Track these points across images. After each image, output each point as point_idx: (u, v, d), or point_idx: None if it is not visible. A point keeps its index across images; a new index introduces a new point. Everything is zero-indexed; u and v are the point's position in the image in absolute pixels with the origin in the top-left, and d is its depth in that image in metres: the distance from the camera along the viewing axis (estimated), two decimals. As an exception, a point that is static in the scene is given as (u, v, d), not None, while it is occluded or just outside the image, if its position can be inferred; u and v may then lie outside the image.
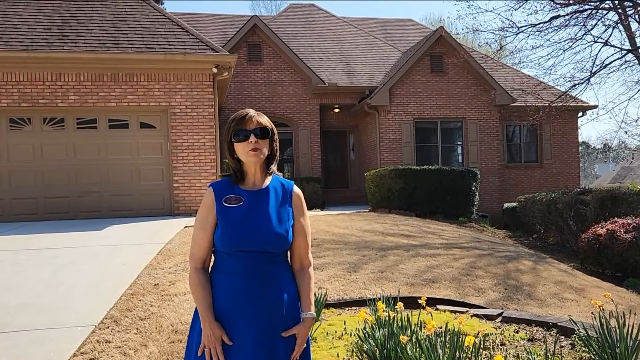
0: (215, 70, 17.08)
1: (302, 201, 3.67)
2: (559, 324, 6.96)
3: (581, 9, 19.66)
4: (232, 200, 3.44)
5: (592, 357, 5.64)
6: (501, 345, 6.42)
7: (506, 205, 25.08)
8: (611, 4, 20.00)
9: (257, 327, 3.29)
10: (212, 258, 3.53)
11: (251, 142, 3.41)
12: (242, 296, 3.31)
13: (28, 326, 6.63)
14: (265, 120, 3.53)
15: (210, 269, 3.51)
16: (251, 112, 3.48)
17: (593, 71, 20.68)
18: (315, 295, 7.57)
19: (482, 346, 5.72)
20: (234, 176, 3.56)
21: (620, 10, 20.25)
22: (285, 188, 3.63)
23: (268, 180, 3.60)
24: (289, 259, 3.62)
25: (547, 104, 22.53)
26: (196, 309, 3.44)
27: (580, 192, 19.26)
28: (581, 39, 20.48)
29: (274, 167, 3.66)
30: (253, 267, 3.33)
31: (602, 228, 14.56)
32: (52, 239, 12.26)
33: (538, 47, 25.96)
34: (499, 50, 23.44)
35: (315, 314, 3.55)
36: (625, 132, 25.36)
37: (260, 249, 3.34)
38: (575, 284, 10.94)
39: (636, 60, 20.59)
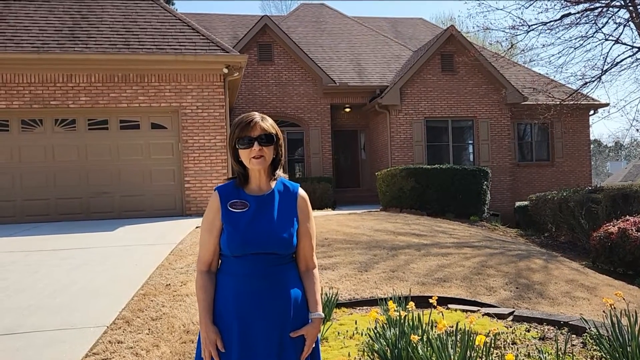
0: (225, 70, 17.10)
1: (307, 204, 3.65)
2: (570, 322, 6.96)
3: (592, 6, 19.61)
4: (237, 205, 3.45)
5: (604, 355, 5.63)
6: (512, 344, 6.42)
7: (518, 203, 25.04)
8: (622, 2, 19.93)
9: (266, 327, 3.32)
10: (219, 261, 3.56)
11: (255, 149, 3.39)
12: (250, 297, 3.33)
13: (41, 327, 6.67)
14: (269, 126, 3.47)
15: (217, 272, 3.53)
16: (256, 117, 3.45)
17: (604, 69, 20.62)
18: (326, 294, 7.61)
19: (493, 345, 5.72)
20: (238, 180, 3.56)
21: (631, 8, 20.17)
22: (291, 191, 3.60)
23: (273, 184, 3.58)
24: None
25: (558, 102, 22.49)
26: None
27: (592, 190, 19.23)
28: (592, 36, 20.42)
29: (279, 172, 3.61)
30: (260, 268, 3.36)
31: (613, 226, 14.53)
32: (64, 240, 12.31)
33: (549, 45, 25.86)
34: (510, 48, 23.37)
35: (323, 314, 3.55)
36: (637, 130, 25.43)
37: (266, 251, 3.36)
38: (587, 283, 10.92)
39: (647, 58, 20.52)
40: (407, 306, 6.25)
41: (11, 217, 16.02)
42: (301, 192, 3.64)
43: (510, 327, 7.14)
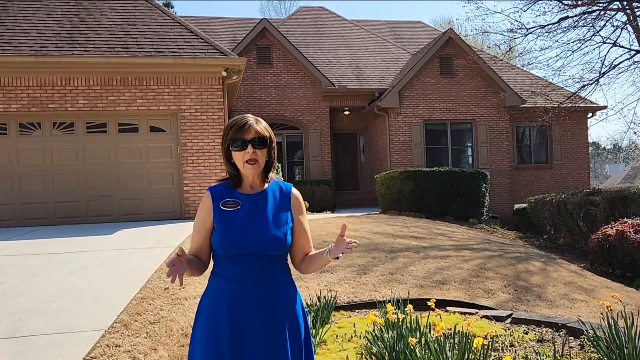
0: (224, 73, 17.10)
1: (300, 202, 3.68)
2: (567, 324, 6.98)
3: (590, 10, 19.65)
4: (229, 204, 3.47)
5: (601, 357, 5.64)
6: (510, 346, 6.43)
7: (516, 206, 25.05)
8: (620, 5, 19.98)
9: (260, 330, 3.32)
10: (212, 262, 3.57)
11: (248, 152, 3.41)
12: (243, 301, 3.33)
13: (39, 331, 6.66)
14: (263, 129, 3.49)
15: (210, 273, 3.54)
16: (250, 120, 3.47)
17: (602, 72, 20.67)
18: (324, 297, 7.64)
19: (491, 347, 5.73)
20: (231, 181, 3.58)
21: (629, 11, 20.22)
22: (284, 190, 3.63)
23: (266, 185, 3.60)
24: (289, 261, 3.63)
25: (556, 105, 22.52)
26: (197, 314, 3.48)
27: (590, 192, 19.25)
28: (590, 39, 20.48)
29: (272, 175, 3.64)
30: (252, 270, 3.36)
31: (611, 228, 14.55)
32: (63, 244, 12.30)
33: (547, 48, 26.04)
34: (508, 51, 23.43)
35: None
36: (635, 133, 25.40)
37: (259, 252, 3.36)
38: (585, 285, 10.93)
39: (645, 61, 20.56)
40: (406, 309, 6.27)
41: (9, 220, 16.01)
42: (294, 191, 3.68)
43: (509, 329, 7.16)
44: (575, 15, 19.98)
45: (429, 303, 6.49)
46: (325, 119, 27.99)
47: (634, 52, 20.50)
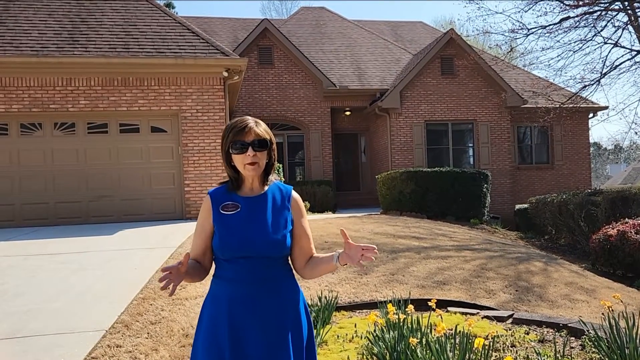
0: (225, 74, 17.09)
1: (300, 205, 3.66)
2: (569, 325, 6.97)
3: (591, 10, 19.64)
4: (229, 208, 3.46)
5: (602, 358, 5.63)
6: (511, 346, 6.43)
7: (518, 206, 25.03)
8: (621, 5, 19.96)
9: (261, 331, 3.30)
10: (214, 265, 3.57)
11: (249, 155, 3.39)
12: (244, 302, 3.31)
13: (39, 331, 6.66)
14: (263, 131, 3.47)
15: (213, 276, 3.53)
16: (250, 122, 3.45)
17: (603, 72, 20.65)
18: (325, 297, 7.64)
19: (492, 348, 5.72)
20: (231, 184, 3.57)
21: (630, 12, 20.20)
22: (284, 193, 3.60)
23: (266, 187, 3.58)
24: (290, 263, 3.61)
25: (557, 105, 22.50)
26: (199, 319, 3.48)
27: (591, 193, 19.23)
28: (591, 40, 20.47)
29: (271, 177, 3.62)
30: (253, 273, 3.34)
31: (612, 229, 14.53)
32: (63, 244, 12.29)
33: (548, 48, 26.09)
34: (510, 52, 23.39)
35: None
36: (636, 133, 25.32)
37: (259, 255, 3.34)
38: (586, 285, 10.92)
39: (646, 61, 20.54)
40: (407, 309, 6.27)
41: (10, 220, 16.00)
42: (294, 194, 3.66)
43: (510, 329, 7.15)
44: (577, 16, 19.98)
45: (430, 303, 6.49)
46: (326, 120, 28.00)
47: (635, 53, 20.49)
